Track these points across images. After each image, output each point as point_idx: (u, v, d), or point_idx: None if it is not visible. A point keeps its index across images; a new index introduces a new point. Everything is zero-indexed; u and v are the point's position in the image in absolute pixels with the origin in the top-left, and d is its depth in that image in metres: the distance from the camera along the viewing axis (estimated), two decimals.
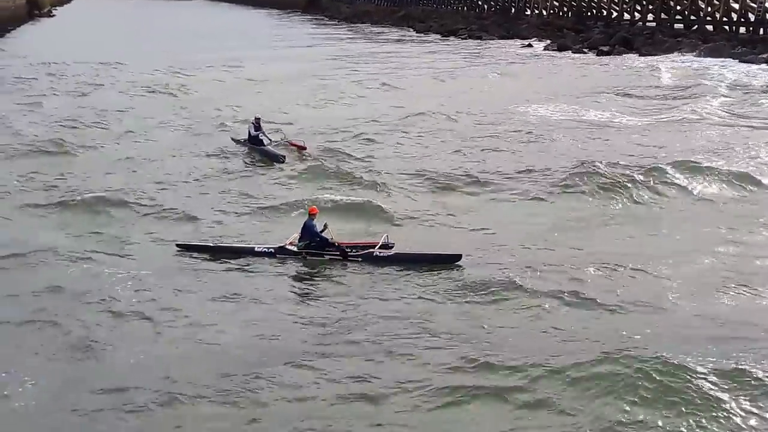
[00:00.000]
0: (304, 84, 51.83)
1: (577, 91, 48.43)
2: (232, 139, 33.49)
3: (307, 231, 20.69)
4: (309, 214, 21.09)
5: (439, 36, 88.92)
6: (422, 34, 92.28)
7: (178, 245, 21.38)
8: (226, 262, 20.47)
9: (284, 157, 30.53)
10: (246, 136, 32.32)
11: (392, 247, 20.79)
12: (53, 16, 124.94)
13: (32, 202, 25.75)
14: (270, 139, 31.87)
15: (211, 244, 21.33)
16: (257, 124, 31.98)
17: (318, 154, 31.34)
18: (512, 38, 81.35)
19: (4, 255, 20.86)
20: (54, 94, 48.40)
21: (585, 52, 68.53)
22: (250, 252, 20.84)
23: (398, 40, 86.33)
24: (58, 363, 15.64)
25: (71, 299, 18.30)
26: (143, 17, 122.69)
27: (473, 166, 29.91)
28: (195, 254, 20.97)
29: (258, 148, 31.54)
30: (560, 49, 70.68)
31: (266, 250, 20.81)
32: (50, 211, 24.88)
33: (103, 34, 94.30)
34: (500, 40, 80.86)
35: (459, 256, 20.15)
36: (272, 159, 30.54)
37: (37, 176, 28.67)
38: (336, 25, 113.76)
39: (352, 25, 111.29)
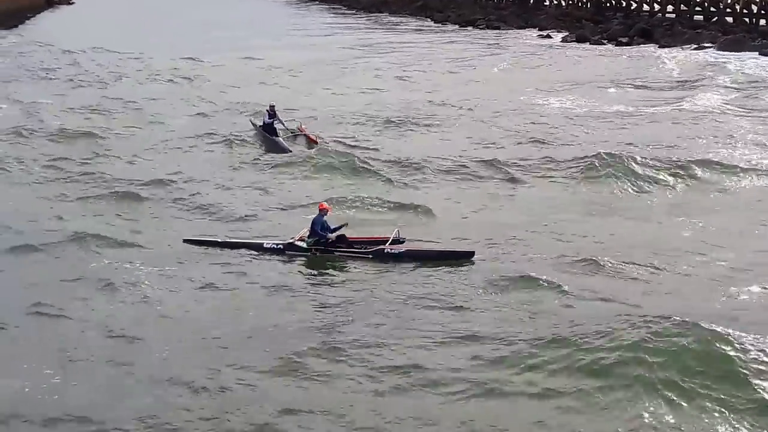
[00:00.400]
0: (320, 73, 51.54)
1: (595, 81, 47.94)
2: (251, 121, 33.64)
3: (316, 227, 20.43)
4: (319, 210, 20.80)
5: (457, 26, 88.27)
6: (440, 24, 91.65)
7: (185, 240, 21.15)
8: (233, 257, 20.25)
9: (290, 150, 30.46)
10: (261, 123, 32.16)
11: (403, 242, 20.53)
12: (72, 3, 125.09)
13: (47, 187, 26.21)
14: (285, 126, 31.83)
15: (219, 239, 21.08)
16: (272, 112, 31.80)
17: (330, 146, 31.01)
18: (530, 29, 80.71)
19: (17, 241, 20.99)
20: (72, 81, 48.56)
21: (603, 43, 67.86)
22: (258, 248, 20.59)
23: (416, 30, 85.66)
24: (52, 354, 15.49)
25: (68, 290, 18.31)
26: (161, 5, 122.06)
27: (490, 158, 29.48)
28: (202, 249, 20.76)
29: (269, 138, 31.35)
30: (579, 40, 69.95)
31: (275, 246, 20.55)
32: (56, 197, 25.18)
33: (121, 21, 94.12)
34: (518, 31, 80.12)
35: (472, 253, 19.86)
36: (280, 150, 30.43)
37: (52, 163, 28.98)
38: (354, 14, 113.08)
39: (371, 14, 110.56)
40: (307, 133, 32.18)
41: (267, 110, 32.06)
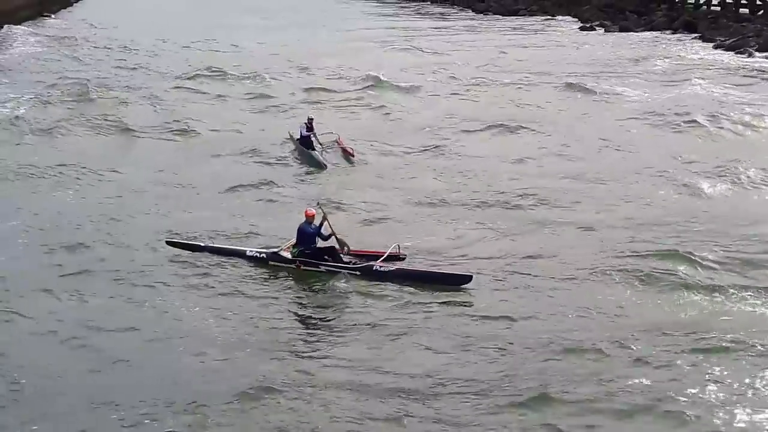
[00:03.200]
0: (355, 67, 49.75)
1: (640, 74, 46.07)
2: (289, 133, 31.67)
3: (301, 236, 18.99)
4: (305, 217, 19.27)
5: (499, 16, 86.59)
6: (482, 14, 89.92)
7: (168, 242, 20.02)
8: (213, 265, 19.09)
9: (326, 165, 29.03)
10: (299, 135, 30.61)
11: (404, 258, 19.07)
12: None
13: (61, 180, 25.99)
14: (320, 143, 30.17)
15: (201, 244, 19.85)
16: (309, 125, 30.27)
17: (367, 159, 29.45)
18: (573, 19, 78.86)
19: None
20: (113, 67, 47.76)
21: (646, 35, 66.07)
22: (241, 255, 19.31)
23: (461, 20, 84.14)
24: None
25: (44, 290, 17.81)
26: None
27: (530, 175, 27.19)
28: (183, 253, 19.65)
29: (306, 152, 29.89)
30: (622, 31, 68.27)
31: (258, 254, 19.23)
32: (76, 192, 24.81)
33: (160, 7, 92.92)
34: (561, 22, 78.34)
35: (469, 278, 18.15)
36: (315, 165, 29.07)
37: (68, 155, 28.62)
38: (395, 3, 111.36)
39: (414, 3, 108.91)
40: (344, 145, 30.53)
41: (305, 123, 30.49)
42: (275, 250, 19.23)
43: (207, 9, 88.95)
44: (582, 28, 72.59)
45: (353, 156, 29.66)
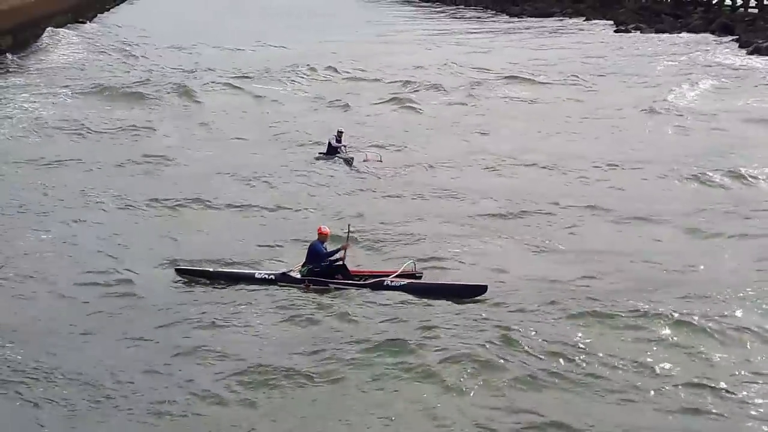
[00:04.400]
0: (393, 69, 49.36)
1: (673, 77, 45.38)
2: (319, 154, 30.68)
3: (312, 254, 18.53)
4: (318, 235, 18.84)
5: (533, 19, 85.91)
6: (516, 18, 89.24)
7: (177, 270, 19.51)
8: (222, 289, 18.64)
9: (352, 159, 29.18)
10: (326, 149, 30.42)
11: (420, 277, 18.51)
12: None
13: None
14: (347, 153, 29.89)
15: (210, 269, 19.37)
16: (338, 138, 30.15)
17: (393, 170, 28.91)
18: (608, 22, 77.96)
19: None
20: (144, 72, 47.63)
21: (682, 38, 65.11)
22: (250, 278, 18.83)
23: (496, 23, 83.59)
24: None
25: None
26: None
27: (558, 183, 26.86)
28: (194, 280, 19.16)
29: (333, 157, 29.85)
30: (658, 33, 67.45)
31: (267, 276, 18.75)
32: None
33: (198, 11, 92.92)
34: (596, 25, 77.49)
35: (484, 288, 17.63)
36: (345, 163, 29.23)
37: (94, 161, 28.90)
38: (429, 6, 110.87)
39: (447, 6, 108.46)
40: (369, 157, 30.10)
41: (334, 135, 30.38)
42: (285, 271, 18.78)
43: (234, 15, 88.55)
44: (617, 31, 71.78)
45: (380, 161, 29.37)
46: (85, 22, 72.75)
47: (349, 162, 29.06)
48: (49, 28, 60.72)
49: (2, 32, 50.32)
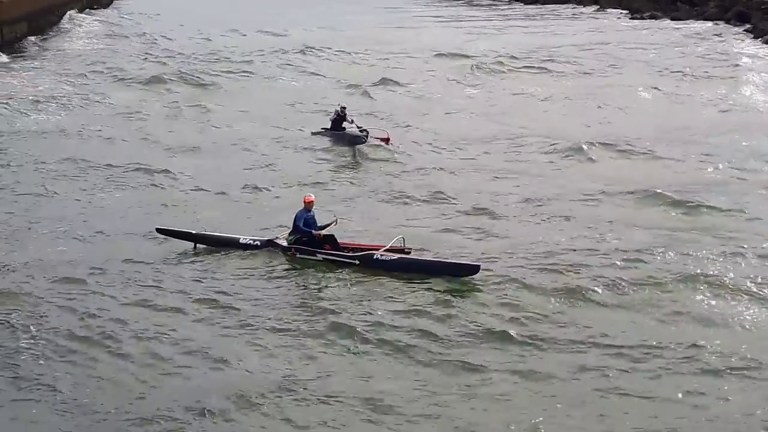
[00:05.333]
0: (401, 54, 48.54)
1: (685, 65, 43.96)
2: (322, 129, 30.20)
3: (298, 223, 17.86)
4: (304, 203, 18.13)
5: (549, 6, 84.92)
6: (531, 5, 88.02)
7: (158, 229, 19.11)
8: (205, 253, 18.20)
9: (366, 136, 28.50)
10: (328, 126, 29.77)
11: (409, 252, 17.79)
12: None
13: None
14: (356, 125, 29.23)
15: (193, 231, 18.91)
16: (342, 114, 29.46)
17: (401, 148, 28.28)
18: (624, 10, 76.89)
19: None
20: (162, 56, 47.20)
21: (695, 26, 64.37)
22: (234, 243, 18.30)
23: (510, 10, 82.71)
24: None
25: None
26: None
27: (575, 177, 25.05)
28: (174, 241, 18.80)
29: (339, 133, 29.17)
30: (673, 21, 66.58)
31: (252, 242, 18.21)
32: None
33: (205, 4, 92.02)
34: (611, 12, 76.42)
35: (476, 268, 16.77)
36: (353, 142, 28.46)
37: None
38: None
39: None
40: (377, 135, 29.39)
41: (337, 110, 29.73)
42: (271, 238, 18.21)
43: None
44: (632, 18, 70.91)
45: (388, 140, 28.68)
46: (101, 8, 72.72)
47: (361, 137, 28.47)
48: (68, 13, 61.72)
49: (23, 17, 51.09)
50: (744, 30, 59.92)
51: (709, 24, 63.96)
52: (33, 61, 45.00)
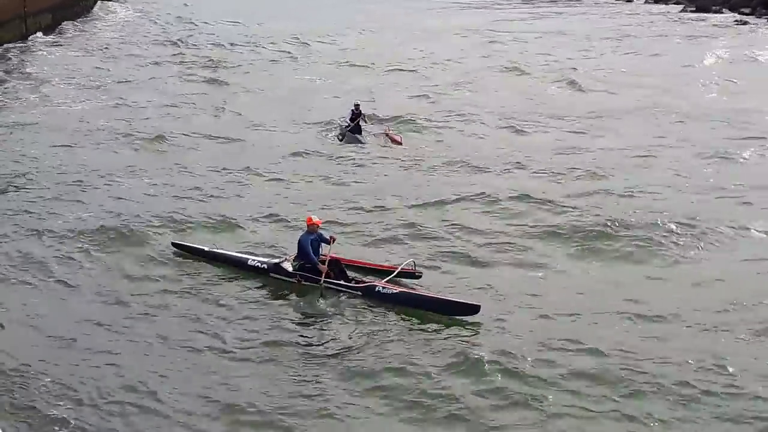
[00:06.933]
0: (417, 40, 48.50)
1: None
2: (339, 125, 31.18)
3: (300, 249, 17.96)
4: (307, 226, 18.16)
5: None
6: None
7: (174, 244, 19.67)
8: (213, 273, 18.63)
9: (365, 143, 29.53)
10: (346, 123, 30.67)
11: (420, 276, 18.09)
12: None
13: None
14: (367, 122, 30.46)
15: (206, 248, 19.32)
16: (357, 111, 30.48)
17: (412, 150, 28.62)
18: None
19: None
20: (176, 52, 47.38)
21: (723, 12, 63.89)
22: (242, 264, 18.61)
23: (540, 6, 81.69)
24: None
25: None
26: None
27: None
28: (188, 256, 19.35)
29: (350, 135, 30.13)
30: (699, 10, 66.01)
31: (259, 265, 18.48)
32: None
33: None
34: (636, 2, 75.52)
35: (477, 308, 16.77)
36: (357, 142, 29.67)
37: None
38: None
39: None
40: (391, 134, 30.36)
41: (352, 109, 30.73)
42: (278, 261, 18.45)
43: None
44: (657, 1, 70.35)
45: (400, 144, 29.27)
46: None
47: (360, 141, 29.54)
48: (98, 3, 63.37)
49: (56, 6, 53.12)
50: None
51: (734, 14, 63.42)
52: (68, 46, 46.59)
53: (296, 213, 21.85)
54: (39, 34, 48.96)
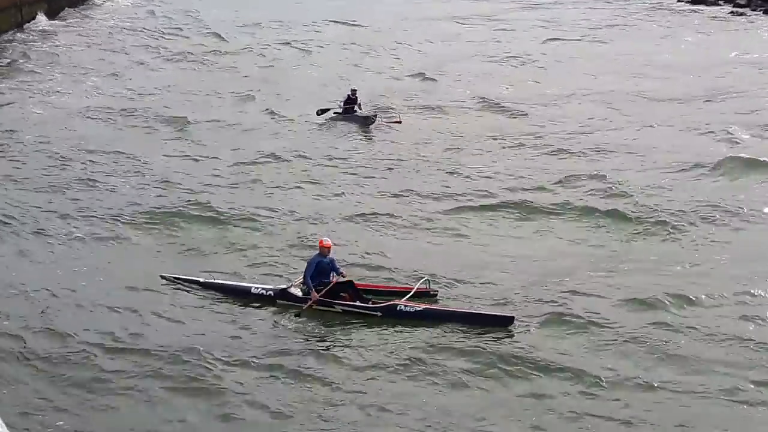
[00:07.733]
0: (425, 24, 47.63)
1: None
2: (334, 114, 29.98)
3: (314, 271, 16.23)
4: (319, 248, 16.54)
5: None
6: None
7: (162, 276, 17.58)
8: (212, 304, 16.66)
9: (375, 116, 29.00)
10: (338, 109, 29.87)
11: (435, 295, 16.45)
12: None
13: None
14: (362, 110, 29.77)
15: (201, 279, 17.35)
16: (353, 96, 29.78)
17: (412, 129, 28.18)
18: None
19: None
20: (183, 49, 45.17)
21: (719, 4, 62.38)
22: (244, 293, 16.76)
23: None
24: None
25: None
26: None
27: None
28: (181, 287, 17.31)
29: (348, 115, 29.47)
30: (694, 2, 64.54)
31: (264, 292, 16.63)
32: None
33: None
34: None
35: (511, 319, 15.36)
36: (364, 123, 28.93)
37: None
38: None
39: None
40: (388, 121, 29.54)
41: (348, 94, 29.96)
42: (284, 286, 16.64)
43: None
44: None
45: (400, 122, 29.14)
46: None
47: (369, 120, 28.82)
48: None
49: None
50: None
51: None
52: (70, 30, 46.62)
53: (289, 227, 20.55)
54: (36, 20, 47.79)
